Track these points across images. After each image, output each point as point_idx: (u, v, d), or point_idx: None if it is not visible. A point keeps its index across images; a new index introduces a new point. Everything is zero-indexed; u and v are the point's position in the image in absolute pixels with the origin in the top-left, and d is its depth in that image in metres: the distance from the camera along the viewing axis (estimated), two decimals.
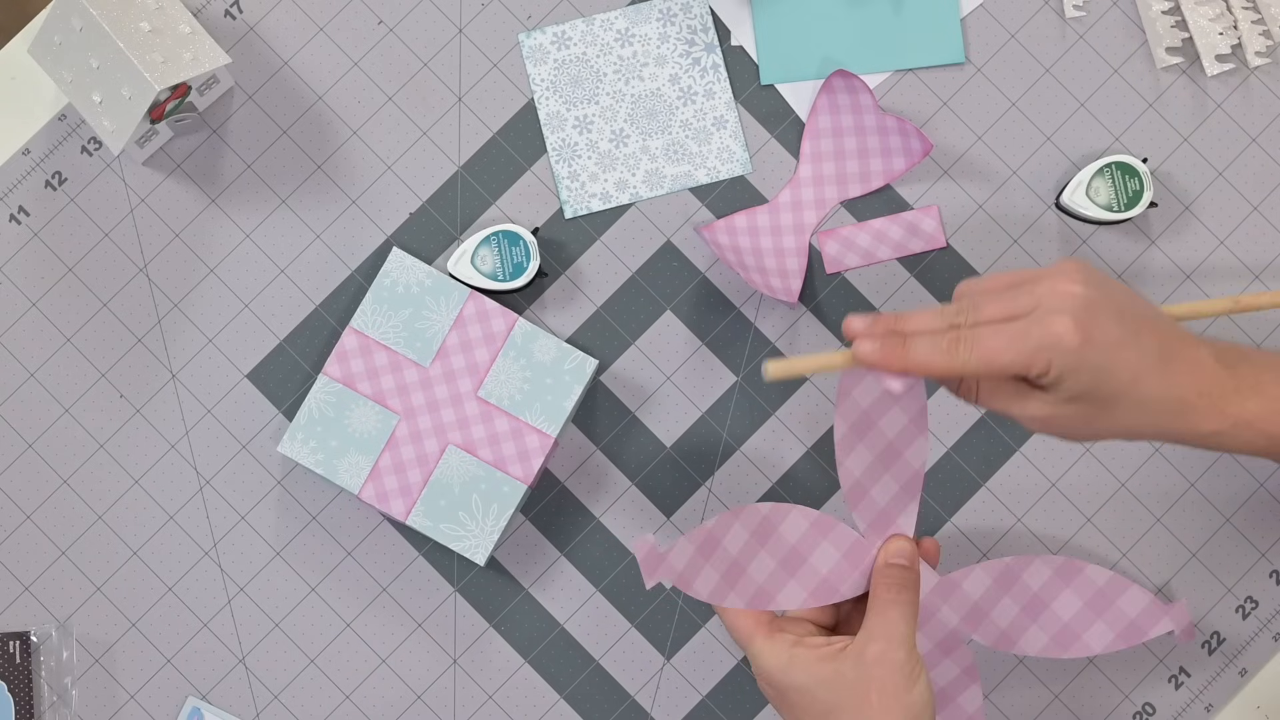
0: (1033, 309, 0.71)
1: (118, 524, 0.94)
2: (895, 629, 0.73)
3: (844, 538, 0.77)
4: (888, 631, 0.73)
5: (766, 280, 0.93)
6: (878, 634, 0.73)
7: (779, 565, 0.76)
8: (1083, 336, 0.70)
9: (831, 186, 0.96)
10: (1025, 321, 0.71)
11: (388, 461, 0.90)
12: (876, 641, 0.73)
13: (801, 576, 0.76)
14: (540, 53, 0.97)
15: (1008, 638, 0.83)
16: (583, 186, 0.96)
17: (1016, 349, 0.71)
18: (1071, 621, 0.83)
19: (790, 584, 0.76)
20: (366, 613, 0.94)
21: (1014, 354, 0.71)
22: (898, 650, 0.73)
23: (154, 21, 0.90)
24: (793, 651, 0.74)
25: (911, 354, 0.71)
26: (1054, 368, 0.71)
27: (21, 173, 0.96)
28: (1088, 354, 0.71)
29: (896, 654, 0.73)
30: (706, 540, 0.75)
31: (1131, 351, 0.73)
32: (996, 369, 0.71)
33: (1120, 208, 0.94)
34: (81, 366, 0.95)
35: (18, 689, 0.92)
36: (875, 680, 0.72)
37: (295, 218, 0.96)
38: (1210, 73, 0.97)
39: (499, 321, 0.91)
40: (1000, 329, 0.71)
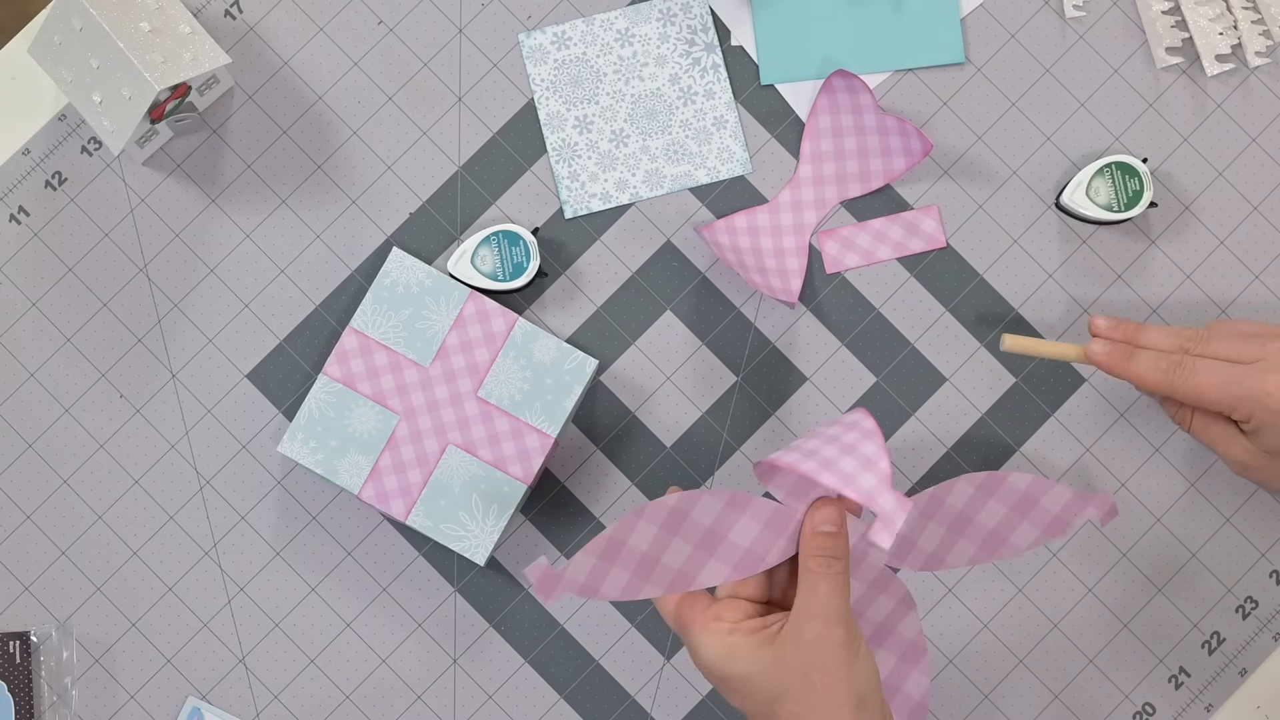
0: (1257, 359, 0.79)
1: (118, 524, 0.94)
2: (830, 605, 0.70)
3: (762, 509, 0.73)
4: (824, 609, 0.70)
5: (766, 280, 0.93)
6: (814, 612, 0.70)
7: (695, 548, 0.73)
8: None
9: (831, 186, 0.96)
10: (1244, 369, 0.79)
11: (388, 461, 0.90)
12: (813, 621, 0.70)
13: (722, 553, 0.73)
14: (540, 53, 0.97)
15: (935, 558, 0.79)
16: (583, 186, 0.96)
17: (1226, 390, 0.79)
18: (997, 527, 0.79)
19: (710, 562, 0.73)
20: (366, 613, 0.94)
21: (1221, 394, 0.79)
22: (835, 628, 0.70)
23: (154, 21, 0.90)
24: (729, 640, 0.71)
25: (1134, 366, 0.82)
26: (1254, 419, 0.79)
27: (21, 173, 0.96)
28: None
29: (835, 632, 0.69)
30: (608, 546, 0.71)
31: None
32: (1204, 402, 0.80)
33: (1120, 208, 0.94)
34: (81, 366, 0.95)
35: (18, 689, 0.92)
36: (816, 662, 0.69)
37: (295, 218, 0.96)
38: (1210, 73, 0.97)
39: (499, 321, 0.91)
40: (1219, 368, 0.79)
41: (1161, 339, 0.83)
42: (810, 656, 0.69)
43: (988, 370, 0.95)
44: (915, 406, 0.95)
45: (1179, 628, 0.94)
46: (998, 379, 0.95)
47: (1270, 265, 0.96)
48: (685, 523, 0.72)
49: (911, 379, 0.95)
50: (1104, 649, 0.94)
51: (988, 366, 0.95)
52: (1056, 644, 0.94)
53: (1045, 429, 0.95)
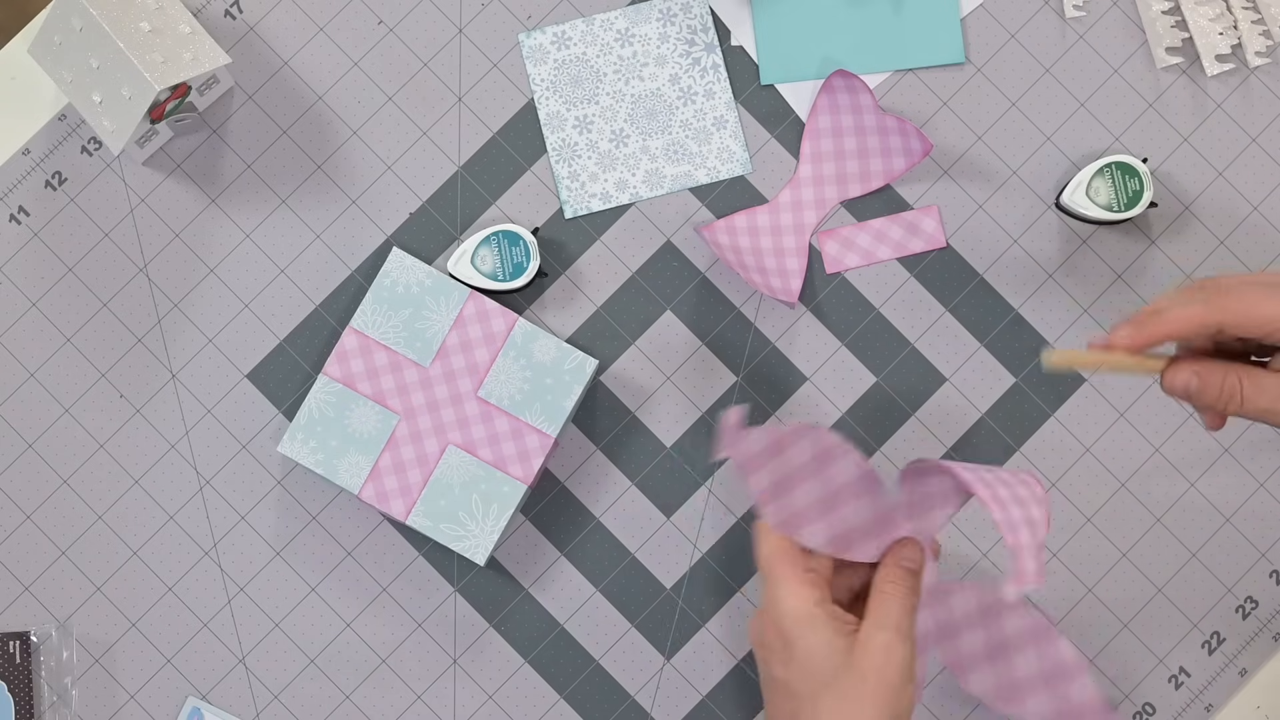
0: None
1: (118, 524, 0.94)
2: (902, 622, 0.73)
3: (881, 503, 0.76)
4: (896, 624, 0.73)
5: (766, 280, 0.93)
6: (885, 623, 0.73)
7: (818, 500, 0.75)
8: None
9: (831, 186, 0.96)
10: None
11: (388, 461, 0.90)
12: (885, 631, 0.72)
13: (830, 520, 0.75)
14: (540, 53, 0.97)
15: (962, 666, 0.83)
16: (583, 186, 0.96)
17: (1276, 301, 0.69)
18: (1021, 681, 0.82)
19: (818, 523, 0.75)
20: (366, 613, 0.94)
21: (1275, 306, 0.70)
22: (903, 645, 0.72)
23: (154, 21, 0.90)
24: (815, 611, 0.73)
25: (1166, 318, 0.71)
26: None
27: (21, 173, 0.96)
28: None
29: (902, 649, 0.72)
30: (778, 441, 0.74)
31: None
32: (1256, 318, 0.69)
33: (1120, 208, 0.94)
34: (81, 366, 0.95)
35: (18, 689, 0.92)
36: (876, 668, 0.72)
37: (295, 218, 0.96)
38: (1210, 73, 0.97)
39: (499, 321, 0.91)
40: (1257, 285, 0.70)
41: (1175, 295, 0.72)
42: (874, 661, 0.72)
43: (988, 370, 0.95)
44: (915, 406, 0.95)
45: (1179, 627, 0.94)
46: (998, 379, 0.95)
47: (1270, 265, 0.96)
48: (829, 468, 0.75)
49: (911, 379, 0.95)
50: (1104, 649, 0.94)
51: (988, 366, 0.95)
52: None
53: (1045, 429, 0.95)
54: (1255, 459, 0.95)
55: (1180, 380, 0.72)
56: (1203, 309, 0.70)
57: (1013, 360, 0.95)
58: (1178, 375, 0.72)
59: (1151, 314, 0.71)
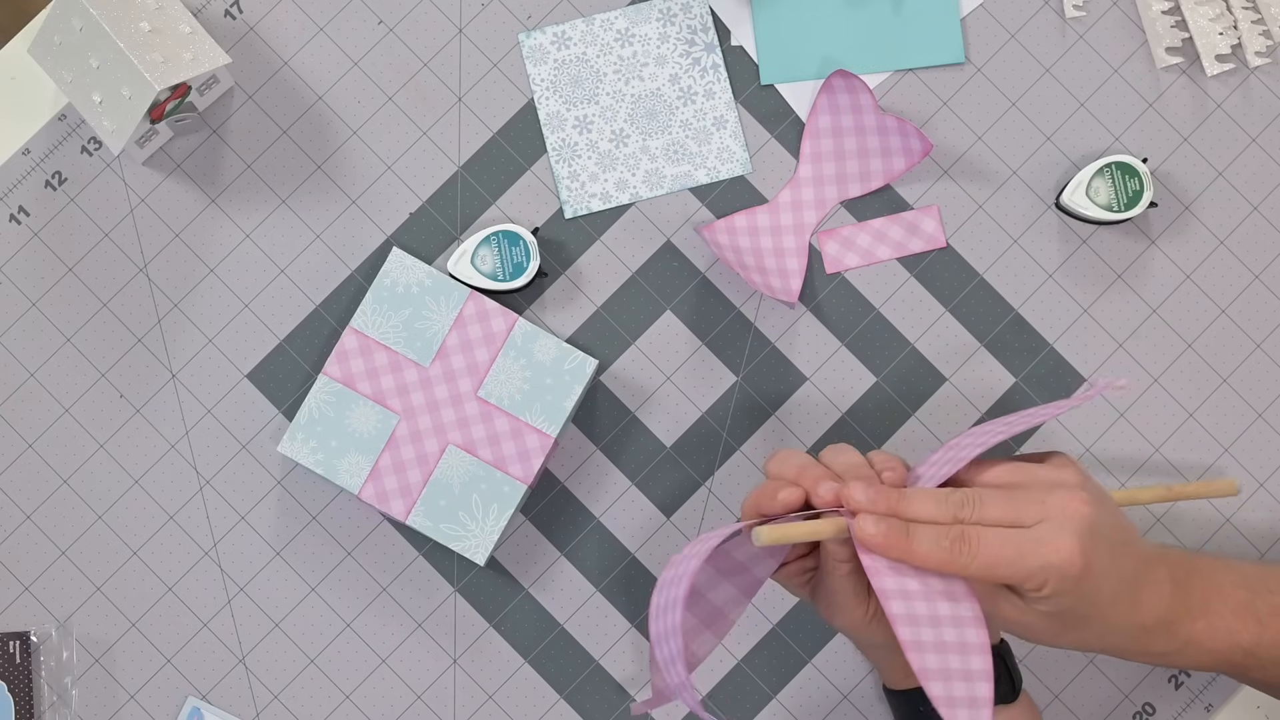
0: (1039, 520, 0.71)
1: (118, 524, 0.94)
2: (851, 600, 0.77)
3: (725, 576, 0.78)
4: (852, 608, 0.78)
5: (766, 280, 0.93)
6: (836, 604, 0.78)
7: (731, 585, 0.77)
8: (1084, 565, 0.70)
9: (831, 186, 0.96)
10: (1032, 537, 0.70)
11: (388, 461, 0.90)
12: (839, 616, 0.78)
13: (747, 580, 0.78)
14: (540, 53, 0.97)
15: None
16: (583, 186, 0.96)
17: (1020, 565, 0.70)
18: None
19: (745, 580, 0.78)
20: (366, 613, 0.94)
21: (1016, 569, 0.70)
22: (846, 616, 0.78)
23: (154, 21, 0.90)
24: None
25: (914, 545, 0.70)
26: (1049, 587, 0.70)
27: (21, 173, 0.96)
28: (1084, 582, 0.71)
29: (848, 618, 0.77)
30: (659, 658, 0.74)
31: (1113, 581, 0.73)
32: (995, 578, 0.71)
33: (1120, 208, 0.94)
34: (81, 366, 0.95)
35: (18, 689, 0.92)
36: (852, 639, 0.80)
37: (295, 218, 0.96)
38: (1210, 73, 0.97)
39: (499, 321, 0.91)
40: (1006, 538, 0.70)
41: (930, 509, 0.71)
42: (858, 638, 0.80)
43: (987, 370, 0.95)
44: (915, 406, 0.95)
45: None
46: (998, 379, 0.95)
47: (1270, 265, 0.96)
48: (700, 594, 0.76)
49: (911, 379, 0.95)
50: None
51: (987, 366, 0.95)
52: None
53: (1046, 429, 0.95)
54: (1255, 459, 0.95)
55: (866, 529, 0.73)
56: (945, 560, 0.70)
57: (1013, 360, 0.95)
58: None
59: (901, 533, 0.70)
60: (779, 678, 0.94)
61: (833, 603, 0.77)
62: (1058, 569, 0.70)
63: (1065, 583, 0.70)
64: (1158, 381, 0.95)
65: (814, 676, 0.94)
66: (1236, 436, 0.95)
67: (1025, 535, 0.70)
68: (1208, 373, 0.95)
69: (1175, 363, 0.96)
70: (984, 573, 0.70)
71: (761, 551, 0.76)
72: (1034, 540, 0.70)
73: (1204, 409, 0.95)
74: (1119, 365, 0.95)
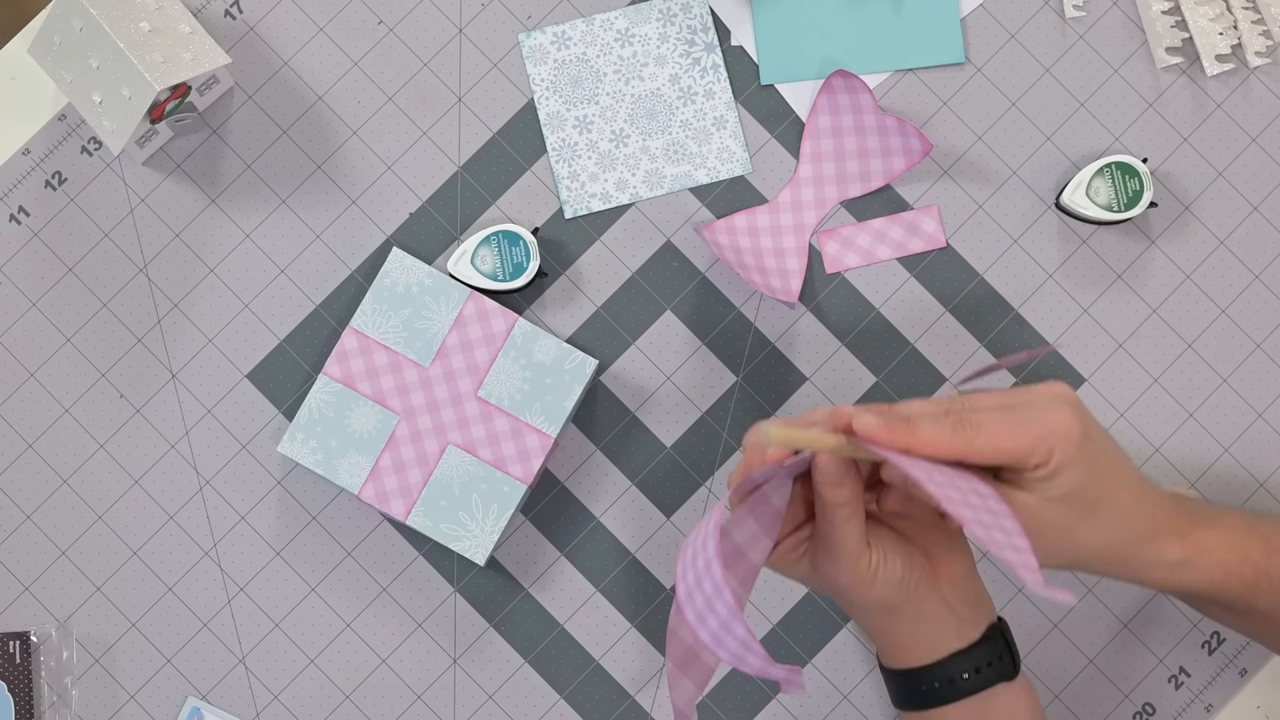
0: (1030, 402, 0.72)
1: (118, 524, 0.94)
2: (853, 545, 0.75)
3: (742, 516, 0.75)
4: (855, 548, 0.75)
5: (766, 280, 0.93)
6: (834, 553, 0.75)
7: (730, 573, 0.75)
8: (1083, 429, 0.71)
9: (831, 186, 0.96)
10: (1029, 411, 0.71)
11: (388, 461, 0.90)
12: (843, 573, 0.75)
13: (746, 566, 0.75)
14: (540, 53, 0.97)
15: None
16: (583, 186, 0.96)
17: (1023, 432, 0.70)
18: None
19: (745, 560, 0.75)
20: (366, 613, 0.94)
21: (1021, 437, 0.70)
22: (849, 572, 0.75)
23: (154, 21, 0.90)
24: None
25: (917, 430, 0.70)
26: (1055, 456, 0.70)
27: (21, 173, 0.96)
28: (1086, 449, 0.71)
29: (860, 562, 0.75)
30: (680, 660, 0.73)
31: (1118, 461, 0.74)
32: (1002, 453, 0.70)
33: (1120, 208, 0.94)
34: (81, 366, 0.95)
35: (18, 689, 0.92)
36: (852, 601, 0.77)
37: (295, 218, 0.96)
38: (1210, 73, 0.97)
39: (499, 321, 0.91)
40: (1004, 415, 0.71)
41: (924, 407, 0.72)
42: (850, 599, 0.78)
43: None
44: None
45: (1179, 628, 0.94)
46: (998, 379, 0.95)
47: (1270, 265, 0.96)
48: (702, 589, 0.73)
49: (911, 379, 0.95)
50: (1104, 649, 0.94)
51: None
52: (1056, 644, 0.94)
53: None
54: (1255, 459, 0.95)
55: (899, 473, 0.73)
56: (950, 439, 0.70)
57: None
58: (897, 469, 0.73)
59: (901, 420, 0.70)
60: None
61: (834, 560, 0.75)
62: (1061, 433, 0.70)
63: (1069, 449, 0.70)
64: (1158, 382, 0.95)
65: (814, 676, 0.94)
66: (1236, 436, 0.95)
67: (1022, 410, 0.71)
68: (1208, 373, 0.95)
69: (1175, 363, 0.96)
70: (989, 448, 0.70)
71: (757, 529, 0.74)
72: (1031, 411, 0.71)
73: (1204, 409, 0.95)
74: (1119, 365, 0.95)
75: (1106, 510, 0.73)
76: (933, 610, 0.77)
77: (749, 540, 0.75)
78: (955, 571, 0.77)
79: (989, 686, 0.77)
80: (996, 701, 0.77)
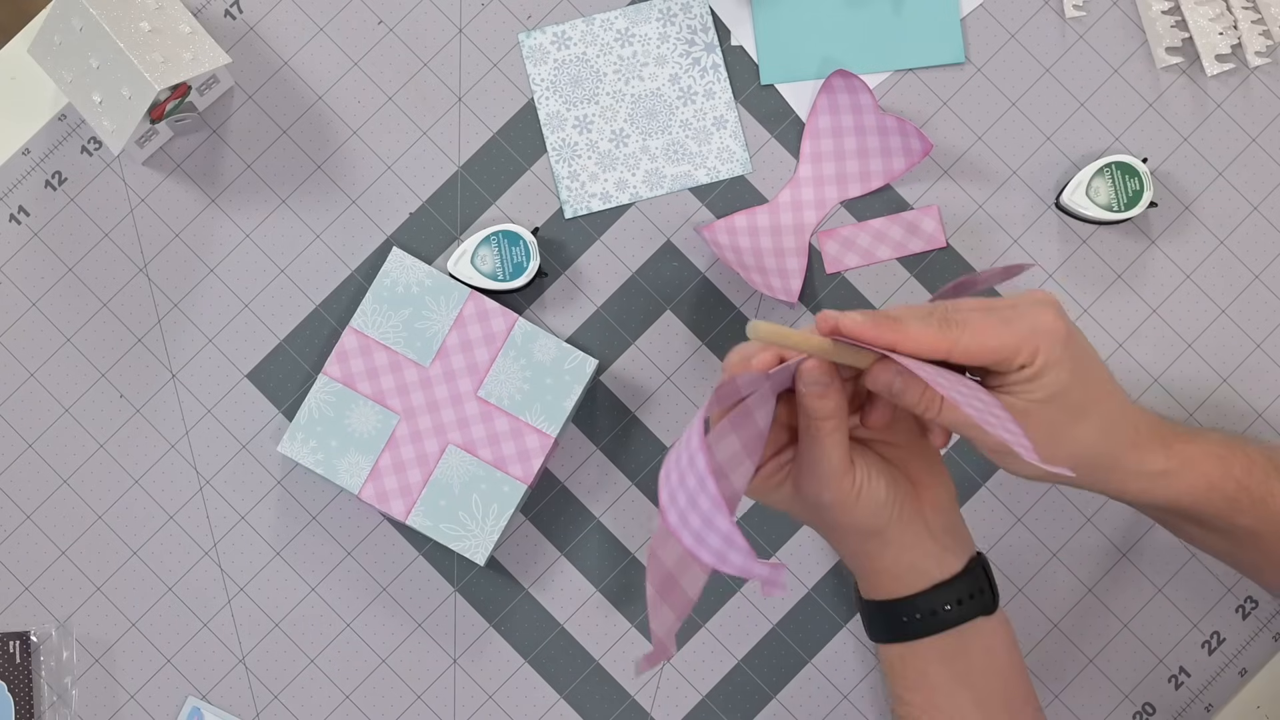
0: (1014, 305, 0.72)
1: (118, 524, 0.94)
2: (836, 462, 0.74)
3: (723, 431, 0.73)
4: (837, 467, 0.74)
5: (766, 280, 0.93)
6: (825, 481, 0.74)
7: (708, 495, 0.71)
8: (1066, 328, 0.71)
9: (831, 186, 0.96)
10: (1012, 311, 0.71)
11: (388, 461, 0.90)
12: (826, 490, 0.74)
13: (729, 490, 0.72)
14: (540, 53, 0.97)
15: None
16: (583, 186, 0.96)
17: (1009, 331, 0.70)
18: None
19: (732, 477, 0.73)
20: (366, 613, 0.94)
21: (1006, 336, 0.70)
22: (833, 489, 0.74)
23: (154, 21, 0.90)
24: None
25: (904, 327, 0.70)
26: (1040, 356, 0.70)
27: (21, 173, 0.96)
28: (1071, 350, 0.71)
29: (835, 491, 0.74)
30: (660, 587, 0.71)
31: (1100, 367, 0.74)
32: (988, 350, 0.70)
33: (1120, 208, 0.94)
34: (81, 366, 0.95)
35: (18, 689, 0.92)
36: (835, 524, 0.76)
37: (295, 218, 0.96)
38: (1210, 73, 0.97)
39: (499, 321, 0.91)
40: (990, 315, 0.71)
41: (909, 310, 0.71)
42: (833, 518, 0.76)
43: None
44: None
45: (1179, 628, 0.94)
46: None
47: (1270, 265, 0.96)
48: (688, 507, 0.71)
49: None
50: (1104, 649, 0.94)
51: None
52: (1056, 644, 0.94)
53: None
54: None
55: (884, 379, 0.72)
56: (936, 336, 0.70)
57: None
58: (882, 374, 0.72)
59: (889, 320, 0.70)
60: (779, 677, 0.94)
61: (818, 478, 0.74)
62: (1045, 333, 0.70)
63: (1054, 349, 0.70)
64: (1158, 381, 0.95)
65: (814, 676, 0.94)
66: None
67: (1007, 311, 0.71)
68: (1208, 373, 0.95)
69: (1175, 363, 0.96)
70: (975, 345, 0.70)
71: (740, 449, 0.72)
72: (1016, 313, 0.71)
73: (1204, 409, 0.95)
74: (1119, 365, 0.95)
75: (1092, 415, 0.73)
76: (916, 536, 0.76)
77: (731, 460, 0.72)
78: (939, 497, 0.77)
79: (970, 619, 0.77)
80: (976, 634, 0.77)
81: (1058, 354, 0.70)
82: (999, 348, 0.70)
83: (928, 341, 0.70)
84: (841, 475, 0.73)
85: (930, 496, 0.77)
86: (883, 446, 0.77)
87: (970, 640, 0.77)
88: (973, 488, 0.94)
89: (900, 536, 0.76)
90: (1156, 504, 0.78)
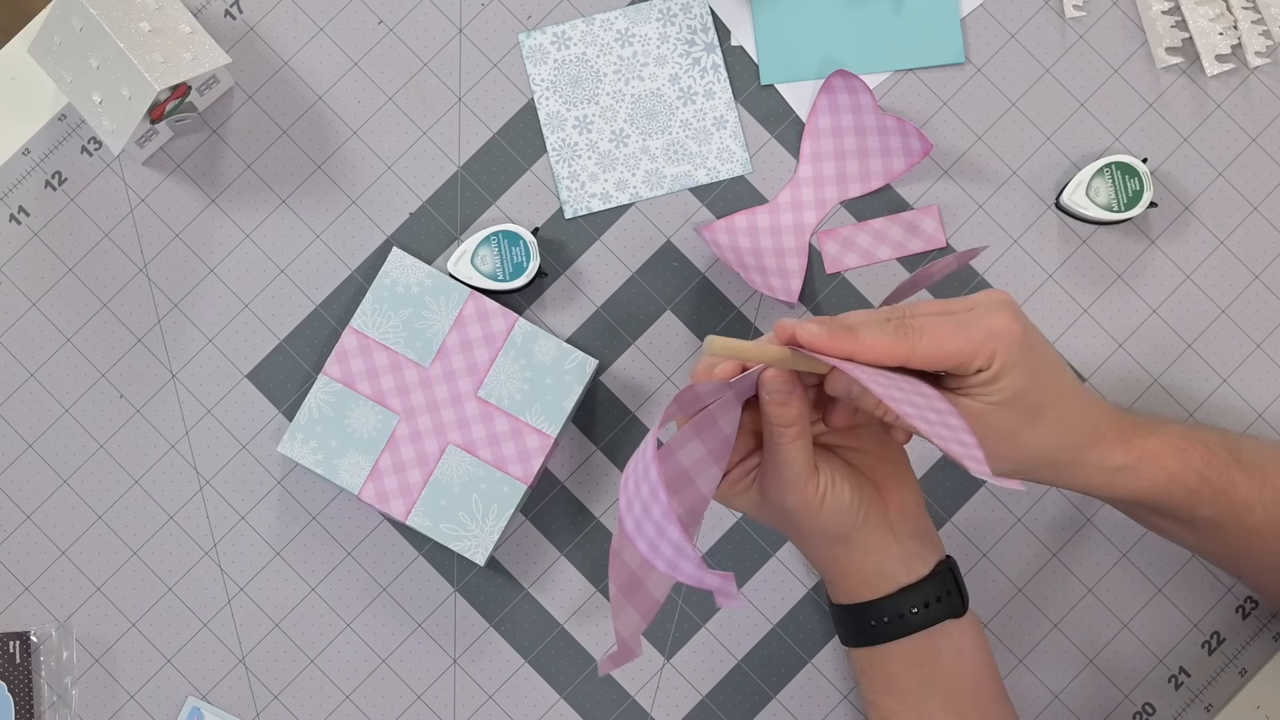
0: (971, 307, 0.72)
1: (118, 524, 0.94)
2: (800, 467, 0.74)
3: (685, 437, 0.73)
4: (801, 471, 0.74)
5: (766, 280, 0.93)
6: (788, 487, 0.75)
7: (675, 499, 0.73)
8: (1023, 330, 0.71)
9: (831, 186, 0.96)
10: (969, 316, 0.71)
11: (388, 461, 0.90)
12: (791, 495, 0.74)
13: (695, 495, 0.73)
14: (540, 53, 0.97)
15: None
16: (583, 186, 0.96)
17: (965, 336, 0.70)
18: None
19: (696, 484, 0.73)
20: (366, 613, 0.94)
21: (963, 341, 0.70)
22: (797, 495, 0.74)
23: (154, 21, 0.90)
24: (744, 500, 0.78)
25: (860, 336, 0.70)
26: (998, 359, 0.70)
27: (21, 173, 0.96)
28: (1027, 352, 0.71)
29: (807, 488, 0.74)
30: (623, 587, 0.71)
31: (1058, 367, 0.74)
32: (945, 356, 0.70)
33: (1120, 208, 0.94)
34: (81, 366, 0.95)
35: (18, 689, 0.92)
36: (801, 529, 0.77)
37: (295, 218, 0.96)
38: (1210, 73, 0.97)
39: (499, 321, 0.91)
40: (946, 319, 0.71)
41: (866, 315, 0.71)
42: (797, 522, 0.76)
43: None
44: None
45: (1179, 628, 0.94)
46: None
47: (1270, 265, 0.96)
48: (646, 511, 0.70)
49: None
50: (1104, 649, 0.94)
51: None
52: (1056, 644, 0.94)
53: None
54: None
55: (843, 385, 0.72)
56: (892, 343, 0.70)
57: None
58: (840, 381, 0.72)
59: (845, 330, 0.70)
60: (779, 678, 0.94)
61: (782, 484, 0.74)
62: (1001, 336, 0.70)
63: (1011, 352, 0.70)
64: (1158, 381, 0.95)
65: (814, 676, 0.94)
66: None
67: (963, 315, 0.71)
68: (1208, 373, 0.95)
69: (1175, 363, 0.96)
70: (932, 351, 0.70)
71: (705, 455, 0.73)
72: (971, 317, 0.71)
73: (1204, 409, 0.95)
74: (1119, 365, 0.95)
75: (1049, 414, 0.73)
76: (881, 541, 0.76)
77: (696, 466, 0.73)
78: (905, 502, 0.77)
79: (937, 622, 0.77)
80: (945, 638, 0.77)
81: (1015, 357, 0.71)
82: (955, 353, 0.70)
83: (884, 349, 0.70)
84: (805, 481, 0.74)
85: (896, 501, 0.77)
86: (848, 452, 0.77)
87: (939, 643, 0.77)
88: (972, 488, 0.94)
89: (865, 541, 0.76)
90: (1119, 498, 0.79)
